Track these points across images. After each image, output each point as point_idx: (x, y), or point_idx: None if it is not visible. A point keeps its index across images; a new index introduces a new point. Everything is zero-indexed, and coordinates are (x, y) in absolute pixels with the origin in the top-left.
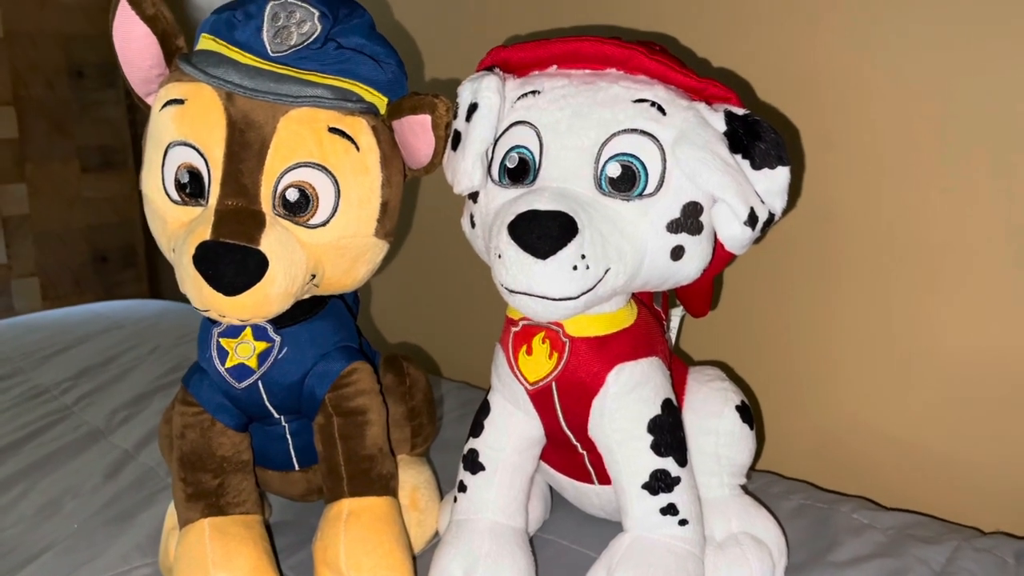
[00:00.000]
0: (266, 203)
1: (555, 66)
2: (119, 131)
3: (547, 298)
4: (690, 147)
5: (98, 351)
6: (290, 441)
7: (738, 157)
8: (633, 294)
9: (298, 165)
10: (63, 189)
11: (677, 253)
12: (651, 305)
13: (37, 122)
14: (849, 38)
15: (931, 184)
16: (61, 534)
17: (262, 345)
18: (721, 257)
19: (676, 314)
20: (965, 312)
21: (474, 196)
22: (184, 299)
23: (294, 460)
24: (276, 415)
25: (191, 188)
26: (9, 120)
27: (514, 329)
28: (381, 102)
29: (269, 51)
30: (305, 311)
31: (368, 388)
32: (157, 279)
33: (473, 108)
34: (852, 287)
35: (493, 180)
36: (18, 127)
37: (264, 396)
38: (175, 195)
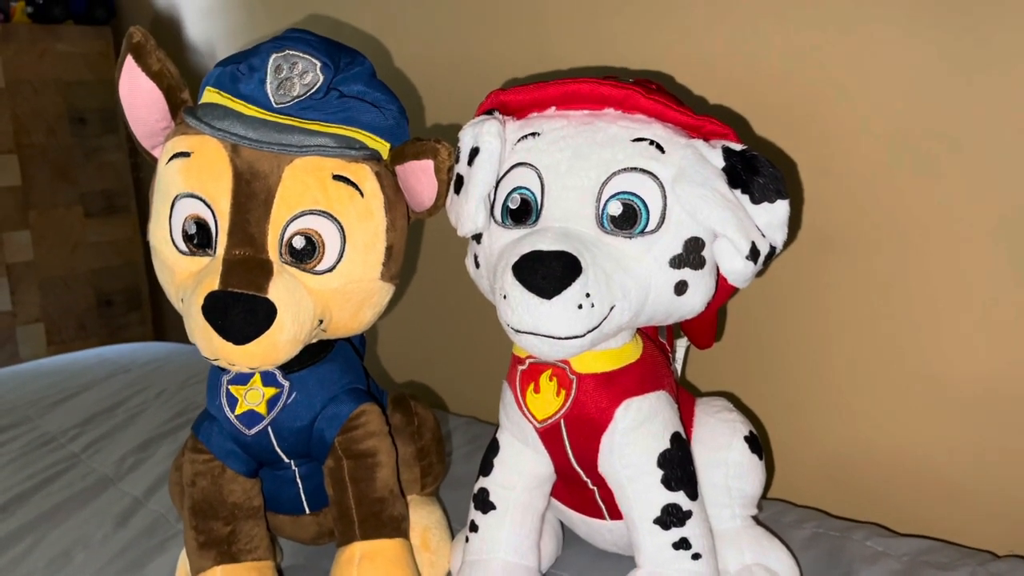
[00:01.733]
0: (273, 251)
1: (553, 107)
2: (121, 175)
3: (553, 337)
4: (690, 184)
5: (105, 396)
6: (300, 485)
7: (737, 192)
8: (638, 328)
9: (304, 213)
10: (67, 234)
11: (680, 288)
12: (656, 338)
13: (40, 169)
14: (844, 71)
15: (933, 208)
16: None
17: (271, 391)
18: (724, 290)
19: (681, 345)
20: (973, 335)
21: (478, 237)
22: (188, 340)
23: (305, 504)
24: (286, 459)
25: (199, 239)
26: (12, 168)
27: (521, 367)
28: (384, 147)
29: (273, 103)
30: (312, 355)
31: (377, 430)
32: (162, 321)
33: (475, 152)
34: (857, 313)
35: (496, 221)
36: (21, 174)
37: (274, 441)
38: (183, 246)
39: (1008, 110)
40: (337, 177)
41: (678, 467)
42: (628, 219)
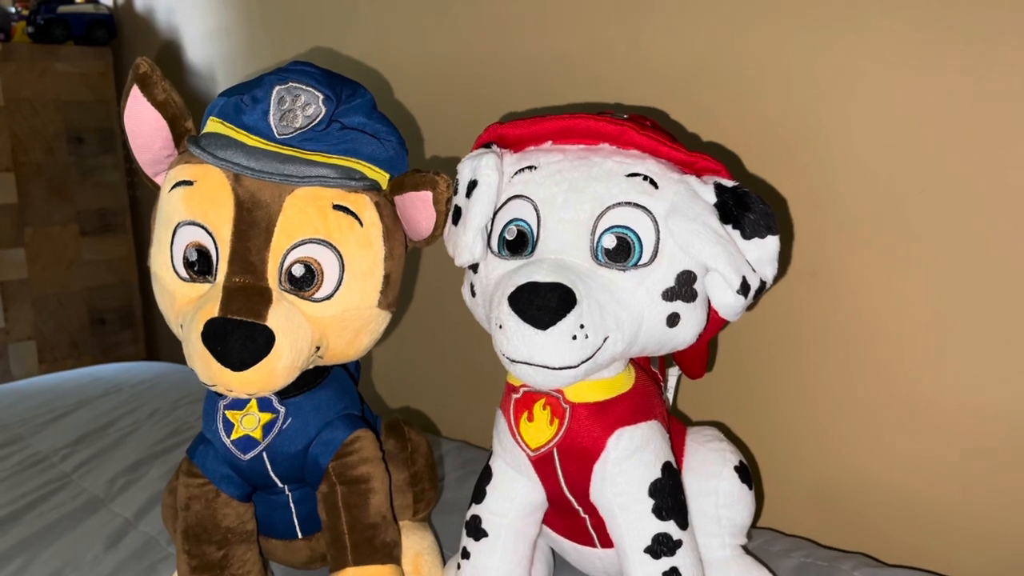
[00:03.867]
0: (272, 279)
1: (550, 142)
2: (118, 195)
3: (548, 367)
4: (682, 219)
5: (96, 416)
6: (293, 510)
7: (729, 228)
8: (631, 358)
9: (304, 242)
10: (62, 253)
11: (673, 320)
12: (648, 367)
13: (37, 187)
14: (834, 107)
15: (918, 241)
16: None
17: (267, 416)
18: (715, 322)
19: (672, 374)
20: (962, 367)
21: (474, 267)
22: (182, 360)
23: (297, 528)
24: (280, 484)
25: (199, 266)
26: (9, 186)
27: (515, 396)
28: (383, 178)
29: (275, 134)
30: (308, 381)
31: (371, 456)
32: (155, 341)
33: (473, 185)
34: (845, 345)
35: (493, 252)
36: (17, 192)
37: (268, 466)
38: (184, 272)
39: (995, 141)
40: (337, 207)
41: (669, 496)
42: (622, 252)
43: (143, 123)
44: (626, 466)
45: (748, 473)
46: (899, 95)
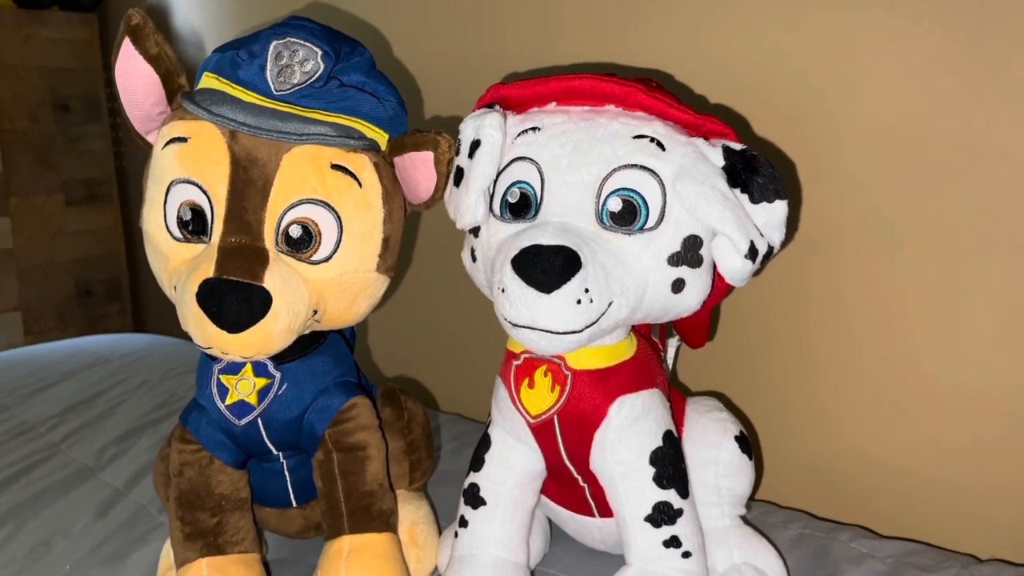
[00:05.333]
0: (269, 240)
1: (554, 103)
2: (104, 164)
3: (551, 332)
4: (690, 182)
5: (84, 387)
6: (288, 477)
7: (737, 191)
8: (632, 326)
9: (301, 202)
10: (47, 223)
11: (678, 286)
12: (649, 336)
13: (21, 155)
14: (843, 72)
15: (927, 213)
16: (53, 575)
17: (262, 381)
18: (720, 289)
19: (672, 344)
20: (960, 339)
21: (475, 231)
22: (170, 332)
23: (292, 496)
24: (275, 451)
25: (194, 225)
26: None
27: (515, 362)
28: (382, 138)
29: (272, 89)
30: (305, 346)
31: (368, 423)
32: (142, 313)
33: (476, 145)
34: (846, 317)
35: (495, 215)
36: (2, 161)
37: (263, 433)
38: (177, 232)
39: (1009, 112)
40: (335, 167)
41: (670, 465)
42: (628, 215)
43: (135, 77)
44: (627, 434)
45: (748, 443)
46: (904, 65)
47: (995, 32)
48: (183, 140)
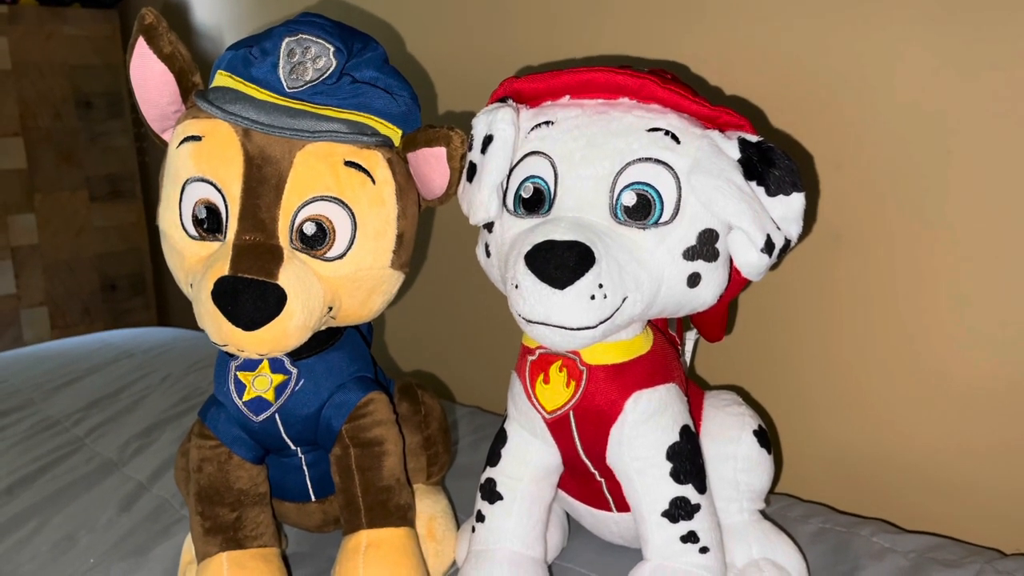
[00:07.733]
0: (283, 237)
1: (568, 96)
2: (127, 160)
3: (565, 328)
4: (705, 175)
5: (109, 381)
6: (306, 472)
7: (753, 184)
8: (648, 320)
9: (315, 199)
10: (72, 218)
11: (694, 280)
12: (666, 330)
13: (45, 152)
14: (859, 63)
15: (946, 204)
16: (77, 569)
17: (279, 378)
18: (737, 283)
19: (690, 337)
20: (983, 332)
21: (489, 226)
22: (194, 326)
23: (311, 491)
24: (293, 447)
25: (209, 223)
26: (18, 151)
27: (531, 358)
28: (395, 134)
29: (285, 87)
30: (321, 342)
31: (385, 418)
32: (166, 306)
33: (488, 140)
34: (867, 309)
35: (508, 210)
36: (27, 157)
37: (281, 428)
38: (193, 230)
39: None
40: (349, 163)
41: (687, 460)
42: (642, 210)
43: (149, 76)
44: (643, 429)
45: (767, 438)
46: (925, 53)
47: (1020, 14)
48: (197, 139)
